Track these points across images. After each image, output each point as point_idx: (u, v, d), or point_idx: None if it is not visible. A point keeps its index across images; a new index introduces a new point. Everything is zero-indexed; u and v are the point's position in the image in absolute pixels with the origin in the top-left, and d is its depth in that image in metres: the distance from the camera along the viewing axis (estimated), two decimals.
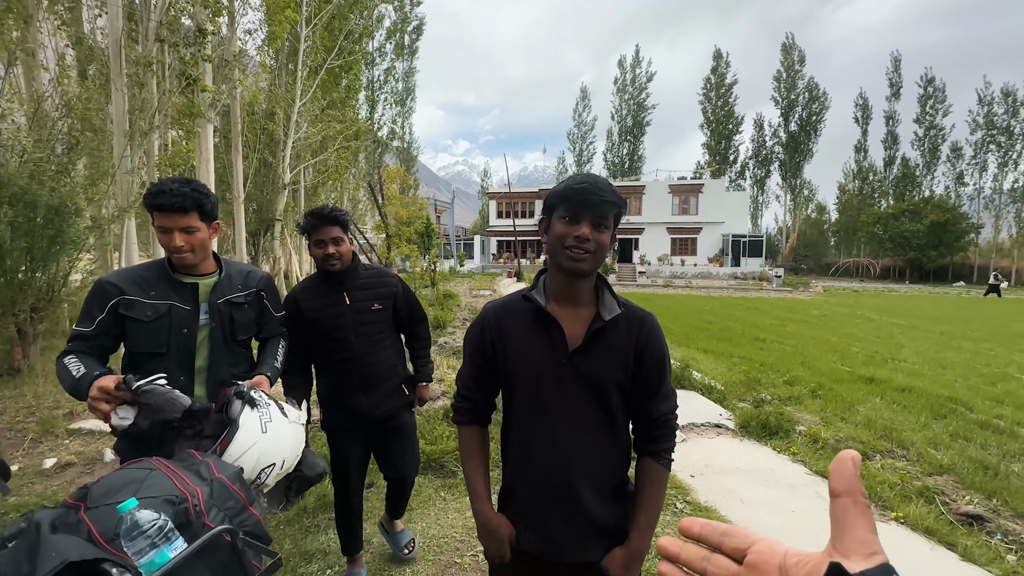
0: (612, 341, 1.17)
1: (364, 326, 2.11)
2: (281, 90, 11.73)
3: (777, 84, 49.34)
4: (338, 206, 2.08)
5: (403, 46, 34.13)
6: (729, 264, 32.51)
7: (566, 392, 1.17)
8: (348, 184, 21.33)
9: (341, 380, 2.12)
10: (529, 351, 1.20)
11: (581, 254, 1.10)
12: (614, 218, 1.14)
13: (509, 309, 1.27)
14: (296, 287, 2.14)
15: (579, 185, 1.10)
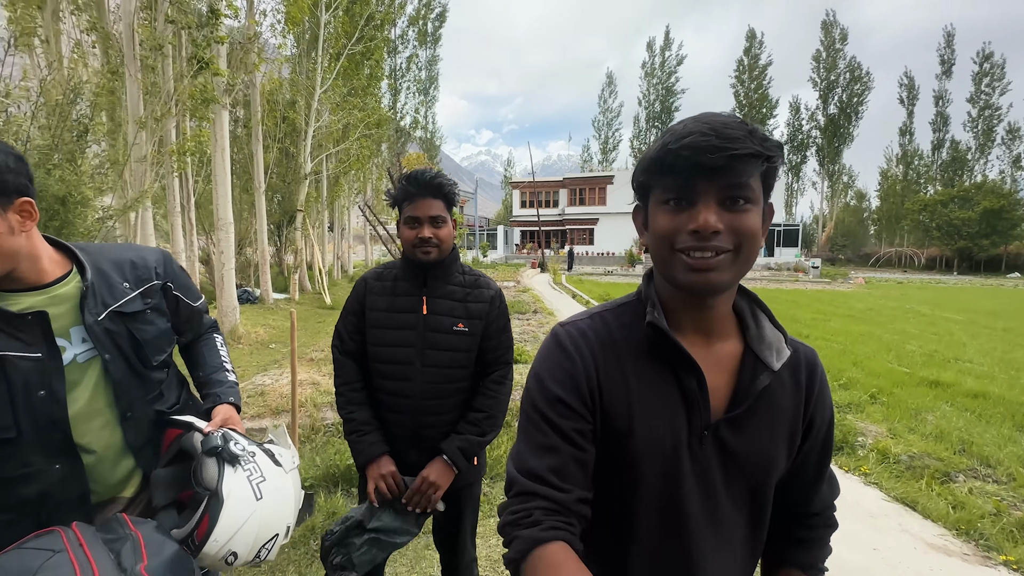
0: (777, 401, 0.71)
1: (437, 352, 1.47)
2: (302, 77, 11.53)
3: (816, 64, 46.88)
4: (444, 173, 1.49)
5: (426, 33, 33.70)
6: (762, 254, 31.23)
7: (706, 490, 0.69)
8: (371, 174, 21.20)
9: (389, 417, 1.50)
10: (651, 411, 0.69)
11: (708, 257, 0.62)
12: (765, 178, 0.65)
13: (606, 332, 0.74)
14: (372, 270, 1.61)
15: (685, 139, 0.60)
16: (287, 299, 11.46)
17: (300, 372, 5.28)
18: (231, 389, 1.36)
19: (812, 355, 0.76)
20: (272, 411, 4.18)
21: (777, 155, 0.63)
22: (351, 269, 22.77)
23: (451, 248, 1.51)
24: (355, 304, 1.55)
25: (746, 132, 0.61)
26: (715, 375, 0.70)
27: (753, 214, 0.63)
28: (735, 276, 0.65)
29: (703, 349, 0.71)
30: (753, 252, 0.64)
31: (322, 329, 8.33)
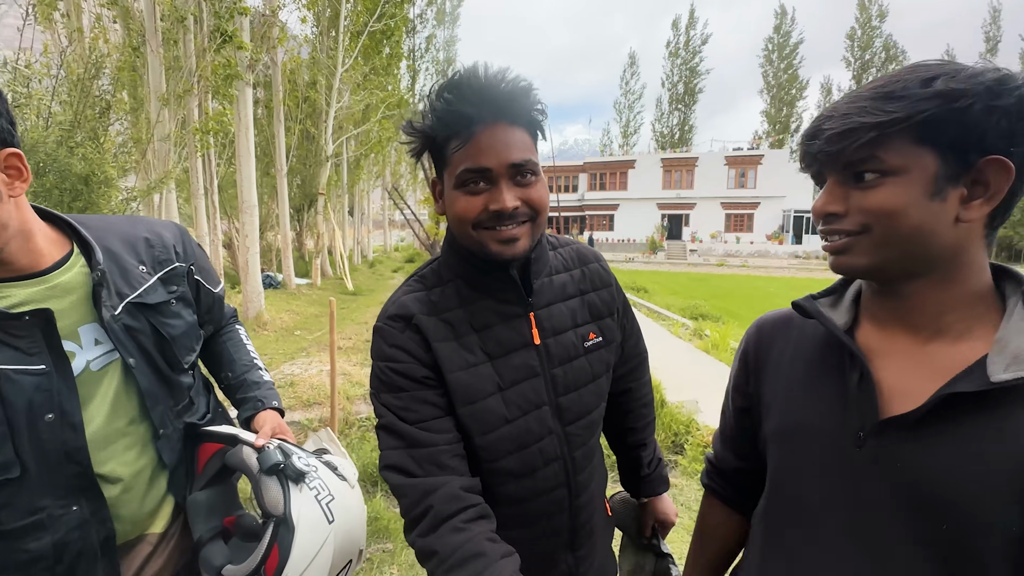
0: (1006, 429, 0.51)
1: (577, 395, 0.87)
2: (323, 56, 11.23)
3: (850, 43, 44.77)
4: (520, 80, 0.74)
5: (444, 12, 33.04)
6: (790, 242, 30.27)
7: (859, 503, 0.59)
8: (390, 157, 20.94)
9: (521, 535, 0.83)
10: (795, 399, 0.68)
11: (836, 239, 0.60)
12: (926, 136, 0.52)
13: (786, 325, 0.74)
14: (403, 300, 0.84)
15: (813, 125, 0.60)
16: (309, 284, 11.36)
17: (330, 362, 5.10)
18: (271, 391, 1.14)
19: None
20: (303, 403, 3.99)
21: (928, 109, 0.51)
22: (371, 254, 22.71)
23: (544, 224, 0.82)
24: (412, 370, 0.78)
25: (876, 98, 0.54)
26: (914, 377, 0.58)
27: (886, 187, 0.55)
28: (881, 260, 0.58)
29: (906, 347, 0.61)
30: (897, 231, 0.55)
31: (347, 316, 8.17)
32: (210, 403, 1.11)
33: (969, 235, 0.55)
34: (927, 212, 0.54)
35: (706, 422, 3.76)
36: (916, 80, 0.53)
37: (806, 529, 0.64)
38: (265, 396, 1.12)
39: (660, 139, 49.72)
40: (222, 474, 1.04)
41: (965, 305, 0.58)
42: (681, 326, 7.96)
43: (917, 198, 0.54)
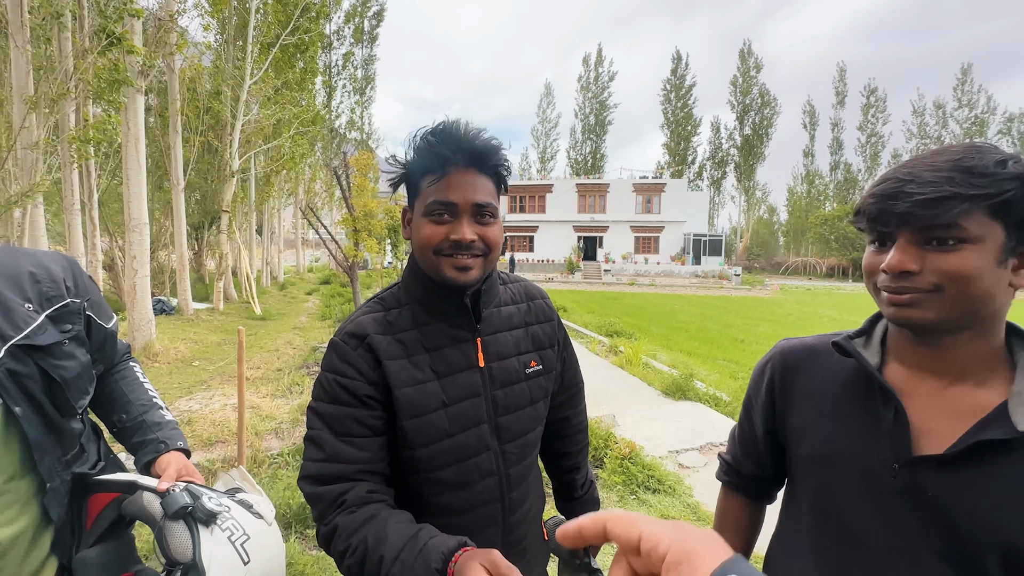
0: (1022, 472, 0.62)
1: (515, 416, 0.94)
2: (228, 66, 10.53)
3: (733, 89, 51.00)
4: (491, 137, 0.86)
5: (362, 31, 32.50)
6: (690, 262, 33.18)
7: (894, 525, 0.68)
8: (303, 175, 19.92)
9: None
10: (830, 431, 0.75)
11: (906, 295, 0.65)
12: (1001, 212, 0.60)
13: (813, 356, 0.82)
14: (361, 319, 0.89)
15: (881, 184, 0.66)
16: (210, 309, 10.35)
17: (236, 394, 4.66)
18: (175, 432, 1.06)
19: None
20: (203, 443, 3.61)
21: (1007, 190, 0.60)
22: (281, 275, 21.21)
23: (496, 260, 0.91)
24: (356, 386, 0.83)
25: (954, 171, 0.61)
26: (939, 417, 0.67)
27: (966, 254, 0.61)
28: (946, 317, 0.64)
29: (932, 390, 0.69)
30: (967, 294, 0.62)
31: (255, 343, 7.55)
32: (100, 450, 1.01)
33: (1009, 298, 0.64)
34: (994, 277, 0.62)
35: (623, 435, 3.98)
36: (992, 160, 0.61)
37: (848, 547, 0.72)
38: (168, 437, 1.04)
39: (575, 165, 52.49)
40: (116, 527, 0.95)
41: (989, 357, 0.67)
42: (598, 343, 8.37)
43: (989, 265, 0.61)
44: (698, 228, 34.64)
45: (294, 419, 3.97)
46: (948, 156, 0.63)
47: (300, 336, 8.09)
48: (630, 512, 0.35)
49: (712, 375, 6.55)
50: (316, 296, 15.26)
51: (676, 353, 8.14)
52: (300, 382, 4.88)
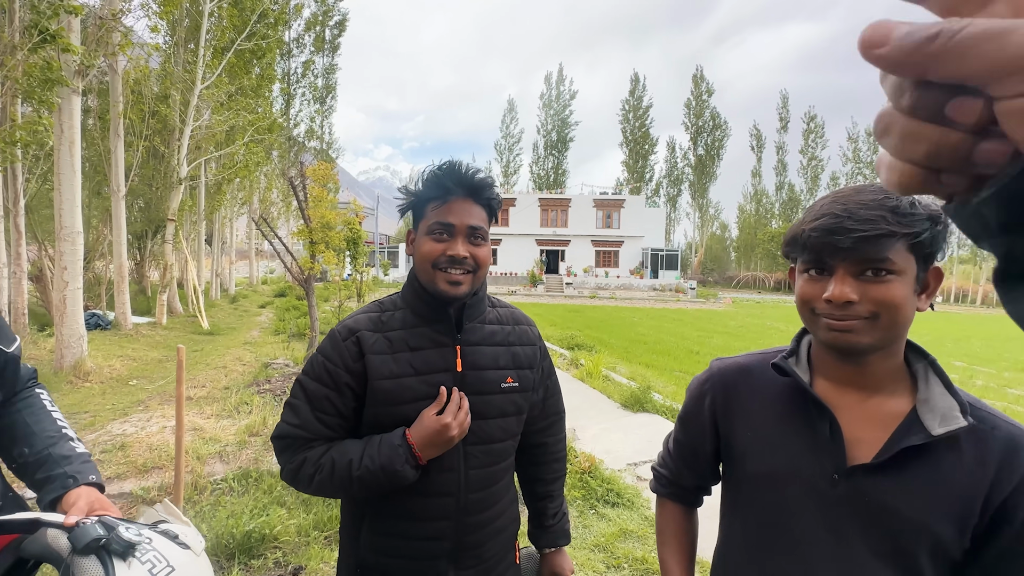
0: (941, 470, 0.70)
1: (486, 423, 1.04)
2: (178, 70, 10.08)
3: (687, 111, 53.54)
4: (488, 175, 1.04)
5: (324, 40, 31.97)
6: (648, 276, 34.18)
7: (837, 529, 0.74)
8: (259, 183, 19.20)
9: (416, 530, 1.02)
10: (773, 447, 0.80)
11: (846, 322, 0.71)
12: (916, 249, 0.69)
13: (747, 375, 0.87)
14: (358, 318, 1.05)
15: (819, 220, 0.71)
16: (152, 324, 9.71)
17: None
18: (86, 464, 0.97)
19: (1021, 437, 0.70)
20: (138, 469, 3.35)
21: (923, 229, 0.67)
22: (232, 288, 20.21)
23: (484, 277, 1.07)
24: (338, 373, 0.99)
25: (884, 210, 0.67)
26: (864, 427, 0.74)
27: (894, 284, 0.68)
28: (877, 340, 0.70)
29: (854, 402, 0.76)
30: (895, 319, 0.69)
31: (201, 359, 7.12)
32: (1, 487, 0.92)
33: (910, 321, 0.72)
34: (912, 304, 0.70)
35: (584, 449, 4.01)
36: (907, 202, 0.68)
37: (795, 554, 0.77)
38: (78, 471, 0.95)
39: (537, 180, 53.26)
40: (14, 572, 0.85)
41: (895, 371, 0.75)
42: (559, 356, 8.43)
43: (909, 294, 0.69)
44: (656, 243, 35.82)
45: (241, 441, 3.75)
46: (871, 195, 0.69)
47: (251, 352, 7.71)
48: None
49: (669, 387, 6.71)
50: (270, 309, 14.63)
51: (635, 365, 8.31)
52: (249, 401, 4.63)
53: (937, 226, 0.68)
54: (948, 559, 0.70)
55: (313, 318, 6.54)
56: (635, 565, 2.66)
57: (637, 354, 9.64)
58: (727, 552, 0.88)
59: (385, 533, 1.02)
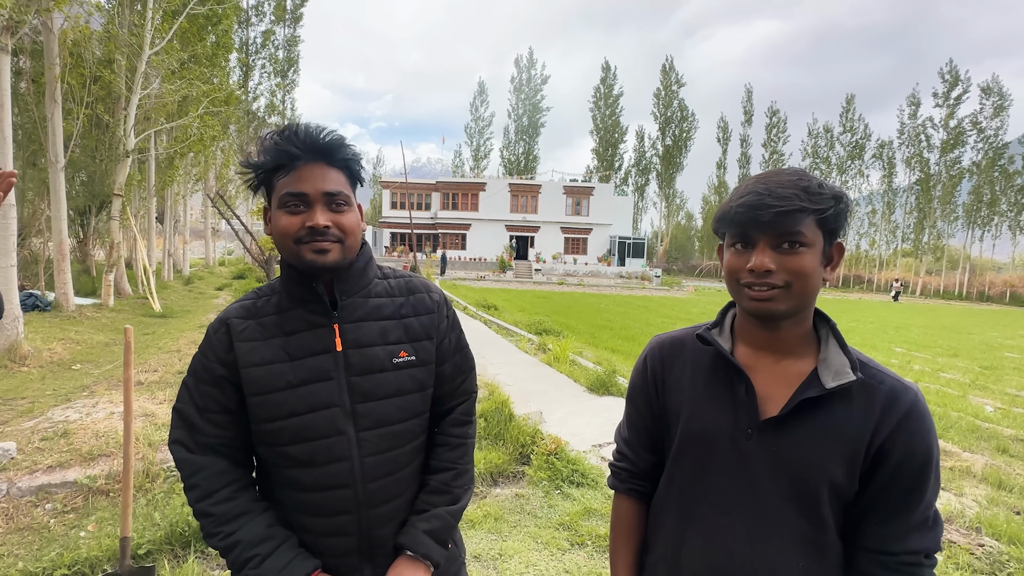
0: (834, 419, 0.79)
1: (378, 404, 0.97)
2: (124, 32, 9.35)
3: (657, 101, 54.15)
4: (336, 133, 0.95)
5: (284, 9, 30.38)
6: (616, 264, 34.78)
7: (750, 477, 0.83)
8: (215, 159, 18.22)
9: (317, 526, 0.96)
10: (700, 409, 0.89)
11: (765, 291, 0.78)
12: (824, 224, 0.78)
13: (680, 348, 0.96)
14: (232, 306, 1.00)
15: (743, 197, 0.79)
16: (97, 305, 9.15)
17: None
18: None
19: (903, 392, 0.79)
20: (83, 457, 3.17)
21: (828, 207, 0.76)
22: (186, 269, 19.24)
23: (360, 244, 0.99)
24: (213, 367, 0.93)
25: (800, 187, 0.76)
26: (776, 385, 0.83)
27: (806, 256, 0.77)
28: (790, 307, 0.79)
29: (768, 364, 0.85)
30: (806, 288, 0.78)
31: (153, 343, 6.78)
32: None
33: (818, 291, 0.81)
34: (819, 275, 0.79)
35: (550, 432, 4.07)
36: (816, 183, 0.77)
37: (715, 503, 0.86)
38: None
39: (508, 165, 52.91)
40: None
41: (804, 335, 0.85)
42: (527, 341, 8.49)
43: (817, 265, 0.78)
44: (623, 231, 36.39)
45: None
46: (787, 177, 0.78)
47: None
48: None
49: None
50: (228, 292, 14.02)
51: (601, 350, 8.47)
52: None
53: (840, 204, 0.78)
54: (841, 499, 0.80)
55: None
56: (598, 542, 2.74)
57: (603, 339, 9.83)
58: (663, 502, 0.95)
59: (294, 528, 0.96)
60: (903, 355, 10.14)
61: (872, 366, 0.82)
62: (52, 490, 2.91)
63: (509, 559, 2.56)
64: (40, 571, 2.23)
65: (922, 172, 43.70)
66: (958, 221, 42.93)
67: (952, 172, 42.09)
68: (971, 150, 41.62)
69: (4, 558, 2.37)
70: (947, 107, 42.21)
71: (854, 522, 0.82)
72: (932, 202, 42.97)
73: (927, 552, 0.79)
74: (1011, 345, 12.72)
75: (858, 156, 48.24)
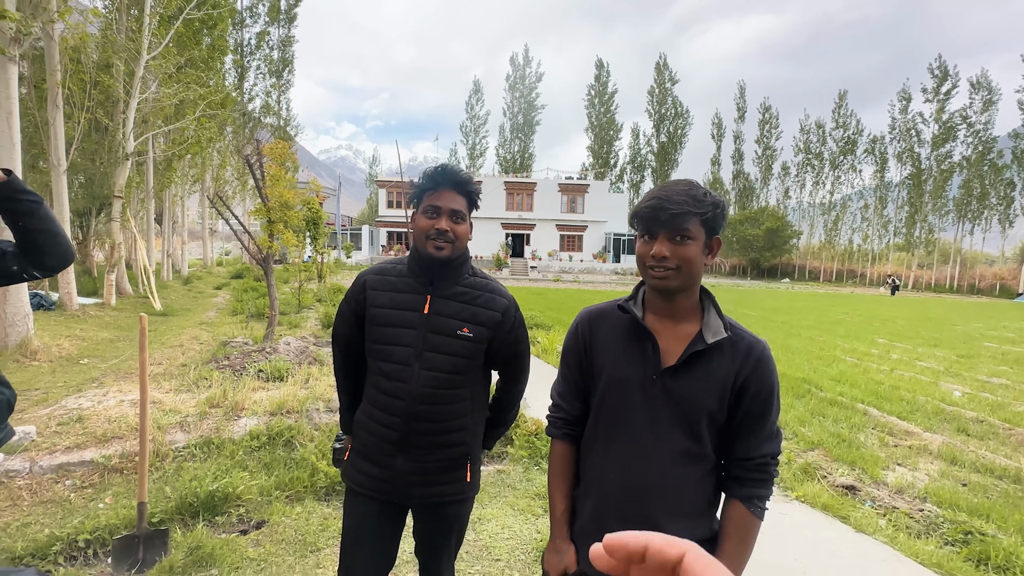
0: (712, 366, 1.09)
1: (437, 355, 1.40)
2: (121, 37, 9.56)
3: (651, 98, 54.38)
4: (470, 174, 1.47)
5: (279, 9, 30.48)
6: (611, 260, 35.06)
7: (653, 412, 1.11)
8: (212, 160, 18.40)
9: (379, 419, 1.43)
10: (618, 362, 1.16)
11: (663, 272, 1.07)
12: (705, 221, 1.06)
13: (604, 316, 1.23)
14: (373, 267, 1.54)
15: (648, 202, 1.07)
16: (99, 304, 9.38)
17: (133, 391, 4.40)
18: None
19: (755, 343, 1.11)
20: (97, 440, 3.44)
21: (708, 211, 1.05)
22: (185, 269, 19.44)
23: (464, 248, 1.46)
24: (352, 297, 1.51)
25: (689, 196, 1.04)
26: (673, 342, 1.12)
27: (693, 245, 1.05)
28: (684, 282, 1.08)
29: (671, 327, 1.13)
30: (691, 270, 1.07)
31: (156, 338, 7.03)
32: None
33: (702, 272, 1.10)
34: (701, 260, 1.07)
35: (532, 415, 4.34)
36: (701, 192, 1.05)
37: (628, 434, 1.13)
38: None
39: (504, 163, 53.06)
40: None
41: (693, 306, 1.14)
42: None
43: (700, 254, 1.06)
44: (618, 228, 36.65)
45: (201, 412, 3.87)
46: (682, 187, 1.07)
47: (208, 331, 7.64)
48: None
49: None
50: (226, 291, 14.26)
51: None
52: (208, 376, 4.70)
53: (717, 210, 1.06)
54: (715, 424, 1.11)
55: (272, 297, 6.57)
56: None
57: None
58: (591, 441, 1.22)
59: (363, 412, 1.50)
60: (884, 345, 10.44)
61: (737, 327, 1.12)
62: (71, 468, 3.18)
63: (487, 522, 2.85)
64: (65, 536, 2.49)
65: (914, 167, 44.09)
66: (949, 215, 43.34)
67: (943, 167, 42.48)
68: (961, 144, 42.02)
69: (32, 526, 2.63)
70: (937, 102, 42.59)
71: (725, 441, 1.13)
72: (923, 196, 43.38)
73: (773, 455, 1.12)
74: (992, 336, 13.06)
75: (850, 151, 48.56)
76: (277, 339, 6.22)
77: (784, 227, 45.78)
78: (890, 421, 5.10)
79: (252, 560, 2.48)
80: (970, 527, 2.98)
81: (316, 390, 4.44)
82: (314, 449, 3.47)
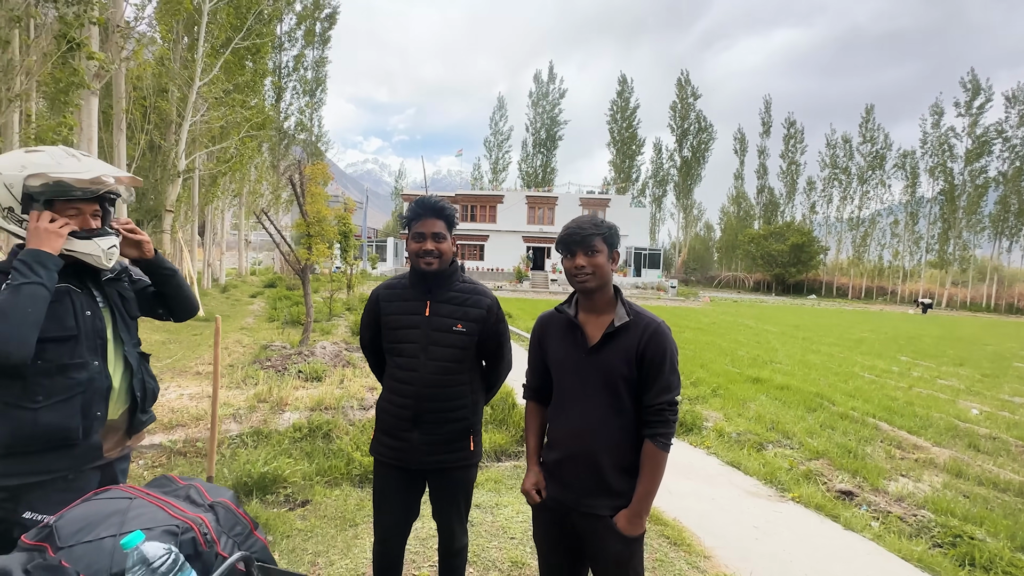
0: (621, 342, 1.50)
1: (439, 347, 1.78)
2: (176, 66, 10.45)
3: (673, 113, 54.50)
4: (445, 201, 1.85)
5: (314, 33, 32.05)
6: (632, 275, 35.05)
7: (585, 380, 1.54)
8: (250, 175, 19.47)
9: (396, 402, 1.81)
10: (560, 348, 1.61)
11: (584, 277, 1.51)
12: (605, 239, 1.52)
13: (551, 318, 1.68)
14: (383, 283, 1.94)
15: (565, 232, 1.54)
16: None
17: (190, 386, 4.91)
18: None
19: (651, 321, 1.51)
20: (164, 427, 3.92)
21: (606, 231, 1.52)
22: (223, 278, 20.48)
23: (451, 261, 1.83)
24: (370, 309, 1.92)
25: (592, 224, 1.52)
26: (596, 330, 1.55)
27: (601, 255, 1.51)
28: (599, 283, 1.52)
29: (595, 318, 1.57)
30: (602, 274, 1.50)
31: (202, 342, 7.63)
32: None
33: (612, 275, 1.54)
34: (608, 267, 1.52)
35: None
36: (600, 219, 1.54)
37: (568, 397, 1.57)
38: None
39: (526, 178, 53.75)
40: None
41: (609, 301, 1.57)
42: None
43: (606, 262, 1.51)
44: (640, 242, 36.68)
45: (251, 406, 4.33)
46: (588, 219, 1.54)
47: (249, 336, 8.23)
48: None
49: None
50: (261, 299, 15.03)
51: None
52: (254, 375, 5.19)
53: (612, 231, 1.53)
54: (630, 384, 1.51)
55: (308, 305, 7.09)
56: None
57: None
58: (553, 404, 1.66)
59: (383, 397, 1.89)
60: (906, 363, 10.36)
61: (640, 311, 1.53)
62: (143, 451, 3.66)
63: (504, 508, 3.18)
64: None
65: (946, 182, 42.87)
66: (985, 231, 41.88)
67: (977, 182, 41.20)
68: (997, 159, 40.75)
69: None
70: (969, 116, 41.51)
71: (637, 395, 1.51)
72: (957, 212, 42.06)
73: (669, 403, 1.48)
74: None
75: (879, 166, 47.54)
76: (312, 344, 6.71)
77: (811, 242, 44.97)
78: (900, 435, 5.20)
79: (300, 531, 2.86)
80: (960, 531, 3.15)
81: (350, 390, 4.87)
82: (349, 441, 3.86)
